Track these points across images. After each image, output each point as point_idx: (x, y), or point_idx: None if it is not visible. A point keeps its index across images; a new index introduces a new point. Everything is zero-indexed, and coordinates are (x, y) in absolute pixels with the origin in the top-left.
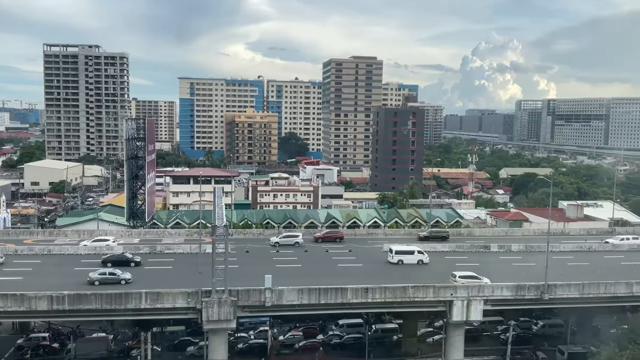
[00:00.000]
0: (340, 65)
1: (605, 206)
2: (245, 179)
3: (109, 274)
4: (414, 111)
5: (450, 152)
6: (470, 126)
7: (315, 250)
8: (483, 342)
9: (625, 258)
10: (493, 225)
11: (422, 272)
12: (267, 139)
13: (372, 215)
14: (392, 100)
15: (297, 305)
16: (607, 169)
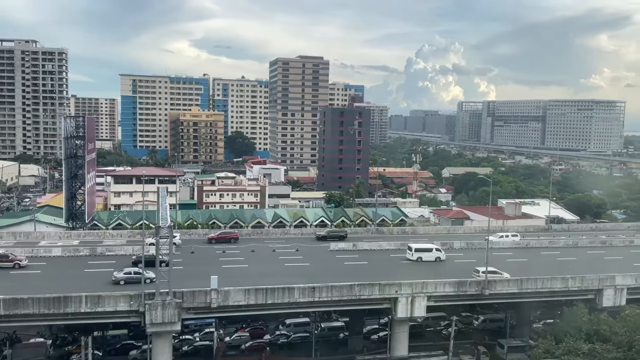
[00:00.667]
0: (287, 64)
1: (542, 204)
2: (191, 179)
3: (134, 273)
4: (360, 111)
5: (395, 152)
6: (414, 126)
7: (263, 250)
8: (427, 338)
9: (560, 254)
10: (436, 223)
11: (366, 270)
12: (213, 138)
13: (319, 215)
14: (339, 100)
15: (244, 305)
16: (544, 168)
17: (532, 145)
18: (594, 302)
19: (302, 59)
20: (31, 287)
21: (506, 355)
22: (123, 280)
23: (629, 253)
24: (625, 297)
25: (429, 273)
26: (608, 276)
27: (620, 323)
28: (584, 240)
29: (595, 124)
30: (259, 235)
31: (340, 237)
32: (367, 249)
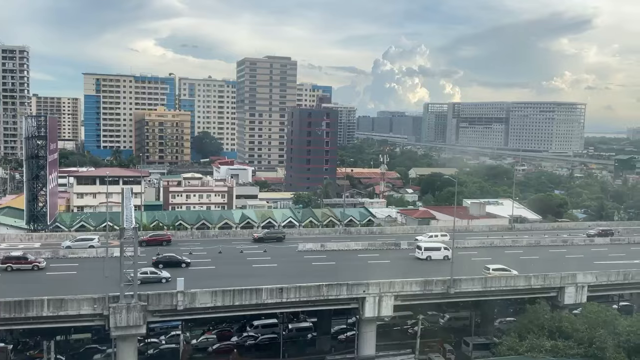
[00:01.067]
0: (255, 64)
1: (505, 204)
2: (156, 180)
3: (150, 273)
4: (328, 112)
5: (362, 153)
6: (381, 127)
7: (230, 251)
8: (394, 337)
9: (523, 253)
10: (403, 223)
11: (335, 270)
12: (179, 138)
13: (287, 215)
14: (307, 101)
15: (211, 307)
16: (507, 169)
17: (496, 146)
18: (556, 299)
19: (270, 59)
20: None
21: (471, 353)
22: (139, 280)
23: (590, 251)
24: (586, 295)
25: (397, 272)
26: (569, 274)
27: (581, 320)
28: (546, 239)
29: (557, 126)
30: (226, 237)
31: (277, 238)
32: (335, 249)
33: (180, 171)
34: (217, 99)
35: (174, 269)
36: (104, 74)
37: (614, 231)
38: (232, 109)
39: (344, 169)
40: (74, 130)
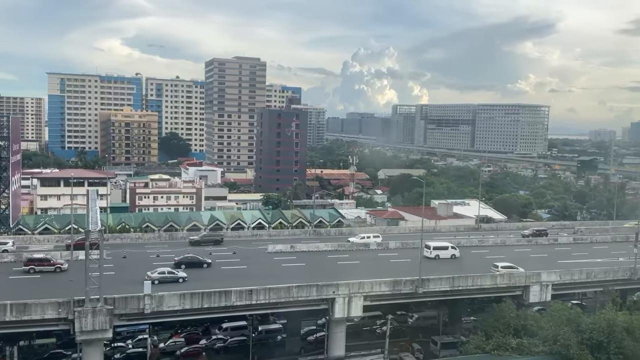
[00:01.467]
0: (224, 65)
1: (472, 204)
2: (123, 181)
3: (167, 273)
4: (298, 113)
5: (332, 154)
6: (351, 129)
7: (198, 254)
8: (363, 337)
9: (489, 253)
10: (372, 224)
11: (304, 271)
12: (146, 139)
13: (257, 217)
14: (276, 102)
15: (179, 311)
16: (474, 170)
17: (463, 147)
18: (521, 298)
19: (239, 60)
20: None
21: (439, 352)
22: (157, 280)
23: (554, 251)
24: (550, 293)
25: (368, 273)
26: (534, 273)
27: (546, 318)
28: (511, 239)
29: (522, 128)
30: (247, 238)
31: (215, 241)
32: (305, 250)
33: (147, 172)
34: (185, 99)
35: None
36: (68, 74)
37: (548, 231)
38: (200, 110)
39: (313, 170)
40: (38, 130)
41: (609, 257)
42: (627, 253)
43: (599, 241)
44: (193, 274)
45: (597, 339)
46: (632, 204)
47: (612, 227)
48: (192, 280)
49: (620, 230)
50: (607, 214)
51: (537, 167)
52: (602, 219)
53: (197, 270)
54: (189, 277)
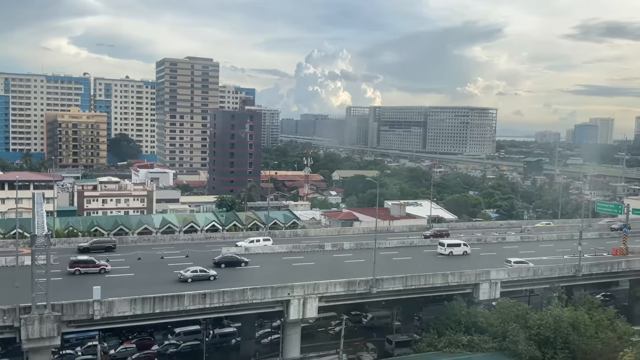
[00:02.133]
0: (175, 65)
1: (424, 205)
2: (70, 184)
3: (199, 272)
4: (252, 114)
5: (286, 155)
6: (305, 130)
7: (150, 258)
8: (318, 338)
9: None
10: (327, 225)
11: (259, 274)
12: (94, 140)
13: (210, 219)
14: (230, 103)
15: (130, 316)
16: (425, 171)
17: (415, 149)
18: (471, 296)
19: (191, 60)
20: None
21: (394, 351)
22: (190, 278)
23: (502, 249)
24: (499, 290)
25: (323, 274)
26: (484, 271)
27: (495, 315)
28: (462, 238)
29: (471, 130)
30: (146, 242)
31: (106, 248)
32: (259, 252)
33: (96, 175)
34: (136, 100)
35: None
36: (13, 73)
37: (449, 232)
38: (151, 111)
39: (268, 172)
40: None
41: (555, 255)
42: (572, 251)
43: (545, 239)
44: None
45: (544, 334)
46: (576, 203)
47: (557, 226)
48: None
49: (565, 229)
50: (552, 213)
51: (485, 168)
52: (547, 218)
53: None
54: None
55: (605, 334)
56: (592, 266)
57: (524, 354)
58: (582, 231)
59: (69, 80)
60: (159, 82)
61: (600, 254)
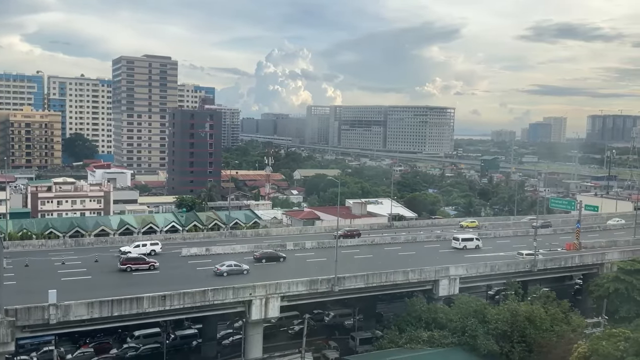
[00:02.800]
0: (132, 63)
1: (384, 203)
2: (23, 185)
3: (234, 266)
4: (212, 113)
5: (247, 155)
6: (266, 129)
7: (108, 260)
8: (280, 338)
9: (402, 249)
10: (289, 225)
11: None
12: (48, 140)
13: (170, 220)
14: (189, 102)
15: (87, 320)
16: (386, 169)
17: (375, 148)
18: (431, 292)
19: (149, 58)
20: None
21: (357, 347)
22: (226, 272)
23: None
24: (458, 286)
25: (285, 273)
26: (443, 268)
27: (454, 310)
28: (421, 236)
29: (430, 129)
30: (104, 244)
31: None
32: (220, 252)
33: (50, 175)
34: (91, 98)
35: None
36: None
37: (360, 232)
38: (108, 110)
39: (228, 172)
40: None
41: (511, 251)
42: (528, 246)
43: (502, 236)
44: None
45: (501, 328)
46: (531, 200)
47: (513, 222)
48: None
49: (521, 225)
50: (508, 209)
51: (444, 167)
52: (504, 215)
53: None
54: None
55: (560, 327)
56: (547, 261)
57: (482, 349)
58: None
59: (21, 79)
60: (116, 81)
61: (555, 249)
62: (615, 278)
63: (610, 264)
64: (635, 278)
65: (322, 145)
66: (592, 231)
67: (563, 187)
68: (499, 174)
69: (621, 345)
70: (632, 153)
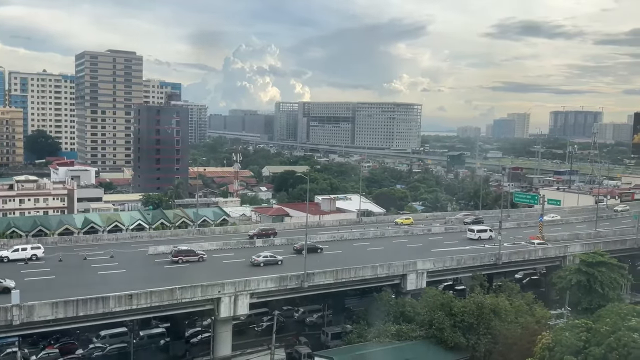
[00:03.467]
0: (96, 58)
1: (353, 199)
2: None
3: (270, 257)
4: (178, 110)
5: (215, 152)
6: (234, 126)
7: (72, 259)
8: (250, 335)
9: (370, 245)
10: (258, 221)
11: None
12: (10, 137)
13: (136, 218)
14: (155, 98)
15: (52, 320)
16: (354, 165)
17: (344, 144)
18: (399, 286)
19: (113, 53)
20: None
21: (329, 342)
22: (262, 262)
23: (427, 240)
24: (425, 280)
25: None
26: (410, 262)
27: (422, 304)
28: (389, 231)
29: (397, 125)
30: (68, 243)
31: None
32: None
33: (12, 174)
34: (54, 94)
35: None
36: None
37: (276, 231)
38: (71, 106)
39: (196, 169)
40: None
41: (477, 244)
42: (492, 240)
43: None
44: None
45: (468, 321)
46: (496, 194)
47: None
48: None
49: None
50: (474, 204)
51: (411, 162)
52: (469, 209)
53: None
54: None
55: (525, 318)
56: (512, 254)
57: (449, 341)
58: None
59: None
60: (79, 76)
61: (519, 243)
62: (577, 270)
63: (573, 257)
64: (596, 270)
65: (291, 142)
66: (555, 224)
67: (526, 182)
68: (465, 170)
69: (583, 336)
70: (592, 148)
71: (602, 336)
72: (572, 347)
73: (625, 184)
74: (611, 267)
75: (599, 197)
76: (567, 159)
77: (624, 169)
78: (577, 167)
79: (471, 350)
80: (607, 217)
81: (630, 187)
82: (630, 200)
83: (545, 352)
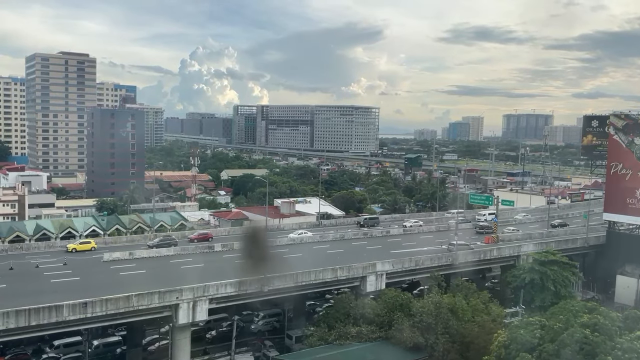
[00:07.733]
0: (47, 60)
1: (313, 202)
2: None
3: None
4: (133, 113)
5: (172, 155)
6: (191, 129)
7: (23, 267)
8: (209, 341)
9: (330, 247)
10: (216, 226)
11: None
12: None
13: (90, 224)
14: (109, 101)
15: (2, 331)
16: (313, 168)
17: (303, 147)
18: (359, 288)
19: (65, 56)
20: None
21: (293, 345)
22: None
23: (386, 242)
24: (384, 282)
25: (214, 275)
26: (370, 264)
27: (381, 305)
28: (349, 233)
29: (355, 128)
30: (18, 251)
31: None
32: (145, 256)
33: None
34: (3, 97)
35: None
36: None
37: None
38: (21, 109)
39: (152, 173)
40: None
41: (434, 245)
42: (449, 241)
43: (425, 231)
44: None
45: (426, 321)
46: (452, 196)
47: (435, 218)
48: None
49: (442, 220)
50: (431, 205)
51: (370, 165)
52: (427, 211)
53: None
54: None
55: (481, 317)
56: (468, 254)
57: (408, 341)
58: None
59: None
60: (30, 79)
61: (474, 243)
62: (530, 269)
63: (526, 256)
64: (549, 268)
65: (250, 145)
66: (508, 224)
67: (481, 183)
68: (422, 172)
69: (537, 333)
70: (544, 150)
71: (555, 333)
72: (527, 344)
73: (575, 185)
74: (563, 266)
75: (550, 198)
76: (520, 160)
77: (574, 170)
78: (529, 168)
79: (430, 350)
80: (559, 216)
81: (580, 188)
82: (580, 200)
83: (501, 349)
